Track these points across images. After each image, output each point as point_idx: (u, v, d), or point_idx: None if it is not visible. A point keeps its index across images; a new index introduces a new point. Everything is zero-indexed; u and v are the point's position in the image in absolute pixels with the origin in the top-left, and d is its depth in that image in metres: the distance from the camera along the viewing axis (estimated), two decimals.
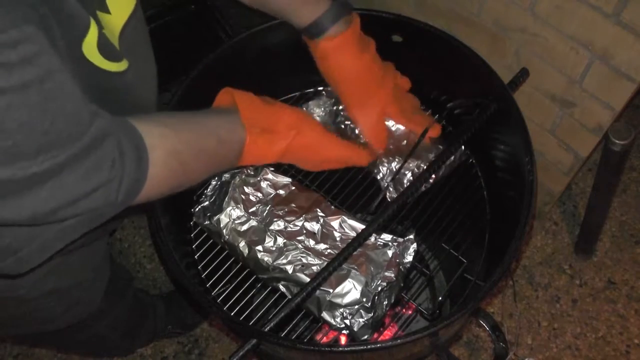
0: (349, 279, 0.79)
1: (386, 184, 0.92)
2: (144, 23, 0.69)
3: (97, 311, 0.96)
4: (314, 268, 0.80)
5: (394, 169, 0.92)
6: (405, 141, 0.95)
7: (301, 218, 0.85)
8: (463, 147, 0.94)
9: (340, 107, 0.99)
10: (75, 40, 0.52)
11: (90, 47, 0.54)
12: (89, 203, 0.49)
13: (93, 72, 0.56)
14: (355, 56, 0.83)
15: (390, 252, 0.82)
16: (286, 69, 1.04)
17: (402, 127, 0.96)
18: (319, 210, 0.86)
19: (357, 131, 0.97)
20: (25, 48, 0.41)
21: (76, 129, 0.46)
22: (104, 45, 0.56)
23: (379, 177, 0.94)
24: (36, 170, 0.44)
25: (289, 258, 0.82)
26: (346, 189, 0.95)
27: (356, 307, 0.77)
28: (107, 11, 0.58)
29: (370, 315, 0.77)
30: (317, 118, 1.02)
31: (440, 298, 1.20)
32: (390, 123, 0.97)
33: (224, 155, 0.70)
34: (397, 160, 0.93)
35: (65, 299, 0.85)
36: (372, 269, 0.80)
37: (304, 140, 0.77)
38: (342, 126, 0.99)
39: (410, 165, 0.92)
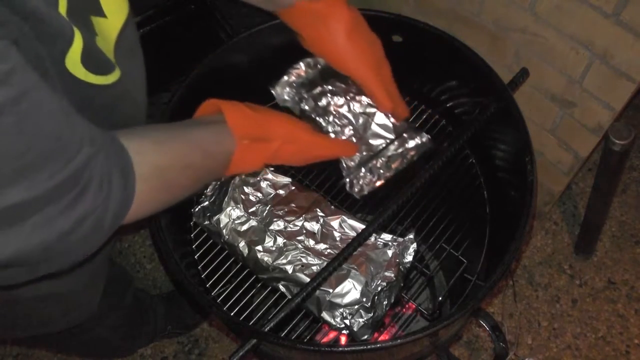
0: (349, 279, 0.79)
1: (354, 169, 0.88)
2: (135, 27, 0.67)
3: (96, 313, 0.96)
4: (314, 268, 0.80)
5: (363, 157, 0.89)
6: (365, 133, 0.90)
7: (301, 218, 0.85)
8: (463, 146, 0.94)
9: (316, 91, 0.93)
10: (58, 54, 0.49)
11: (74, 62, 0.51)
12: (76, 235, 0.46)
13: (78, 85, 0.53)
14: (351, 12, 0.80)
15: (390, 252, 0.82)
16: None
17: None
18: (318, 210, 0.86)
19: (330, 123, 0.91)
20: None
21: (59, 151, 0.43)
22: (90, 58, 0.53)
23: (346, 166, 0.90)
24: (16, 201, 0.41)
25: (289, 258, 0.82)
26: (346, 189, 0.94)
27: (356, 307, 0.77)
28: (103, 15, 0.55)
29: (370, 315, 0.77)
30: (287, 98, 0.96)
31: (440, 298, 1.20)
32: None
33: (211, 168, 0.67)
34: (359, 154, 0.89)
35: (61, 303, 0.84)
36: (372, 268, 0.80)
37: (294, 147, 0.76)
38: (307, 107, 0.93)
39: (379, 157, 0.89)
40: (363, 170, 0.88)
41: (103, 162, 0.47)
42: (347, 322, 0.77)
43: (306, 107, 0.93)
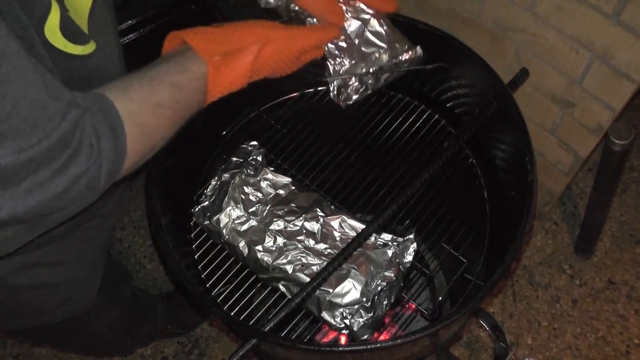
0: (349, 279, 0.79)
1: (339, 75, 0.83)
2: (111, 5, 0.67)
3: (94, 308, 0.96)
4: (314, 268, 0.80)
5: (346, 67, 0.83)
6: (357, 40, 0.85)
7: (301, 218, 0.85)
8: (463, 146, 0.94)
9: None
10: (37, 24, 0.50)
11: (52, 30, 0.52)
12: (71, 194, 0.48)
13: (58, 56, 0.54)
14: None
15: (390, 252, 0.82)
16: None
17: (357, 23, 0.84)
18: (318, 210, 0.86)
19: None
20: None
21: (44, 118, 0.44)
22: (68, 28, 0.54)
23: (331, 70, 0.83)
24: (5, 164, 0.42)
25: (289, 258, 0.82)
26: (346, 189, 0.95)
27: (356, 307, 0.77)
28: None
29: (370, 315, 0.77)
30: None
31: (440, 298, 1.20)
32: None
33: (186, 100, 0.63)
34: (348, 61, 0.83)
35: (57, 293, 0.84)
36: (372, 268, 0.80)
37: (273, 47, 0.70)
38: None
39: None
40: (353, 79, 0.84)
41: (91, 122, 0.48)
42: (347, 322, 0.77)
43: (297, 8, 0.84)
